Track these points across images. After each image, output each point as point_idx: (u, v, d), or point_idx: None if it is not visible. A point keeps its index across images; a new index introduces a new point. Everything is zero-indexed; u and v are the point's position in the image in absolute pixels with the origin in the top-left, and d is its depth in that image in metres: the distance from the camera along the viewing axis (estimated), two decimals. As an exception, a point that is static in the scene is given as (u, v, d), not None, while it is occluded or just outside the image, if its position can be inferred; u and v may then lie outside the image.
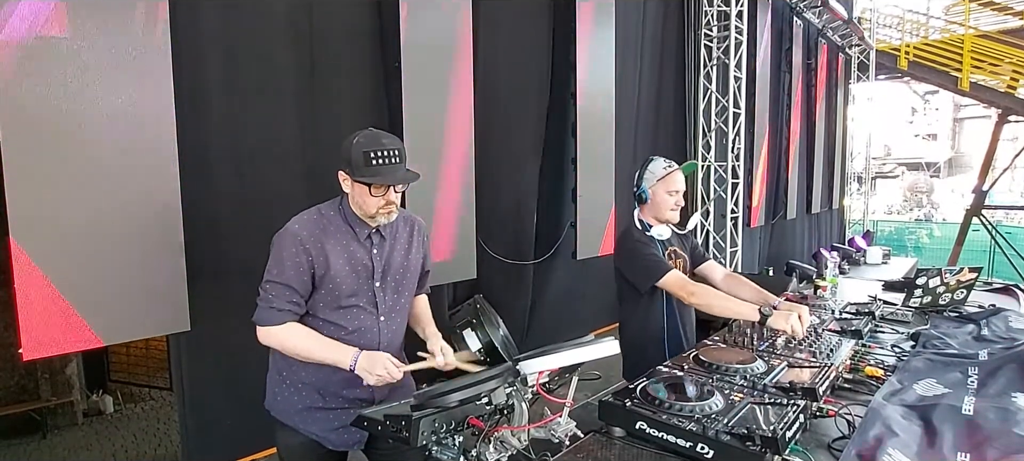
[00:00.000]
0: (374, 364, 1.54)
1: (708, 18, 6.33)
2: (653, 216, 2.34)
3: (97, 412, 5.64)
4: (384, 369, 1.53)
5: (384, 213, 1.60)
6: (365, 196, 1.57)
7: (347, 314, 1.63)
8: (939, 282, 2.66)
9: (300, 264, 1.58)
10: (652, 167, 2.33)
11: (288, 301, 1.58)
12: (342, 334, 1.63)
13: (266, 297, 1.59)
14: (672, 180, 2.30)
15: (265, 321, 1.59)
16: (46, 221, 2.17)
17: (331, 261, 1.59)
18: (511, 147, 4.39)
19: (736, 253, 6.62)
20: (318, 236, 1.60)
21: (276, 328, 1.59)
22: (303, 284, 1.59)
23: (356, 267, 1.63)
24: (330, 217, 1.64)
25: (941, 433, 1.34)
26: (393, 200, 1.60)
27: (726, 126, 6.37)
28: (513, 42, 4.31)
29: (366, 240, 1.65)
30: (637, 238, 2.30)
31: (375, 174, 1.53)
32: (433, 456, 1.28)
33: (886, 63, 11.45)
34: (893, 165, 28.36)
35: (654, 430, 1.36)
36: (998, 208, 14.54)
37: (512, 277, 4.50)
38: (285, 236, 1.59)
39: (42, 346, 2.20)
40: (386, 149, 1.53)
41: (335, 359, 1.57)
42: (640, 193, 2.33)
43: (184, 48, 2.54)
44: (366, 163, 1.52)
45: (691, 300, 2.16)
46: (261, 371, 1.80)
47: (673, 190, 2.30)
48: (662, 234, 2.32)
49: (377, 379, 1.53)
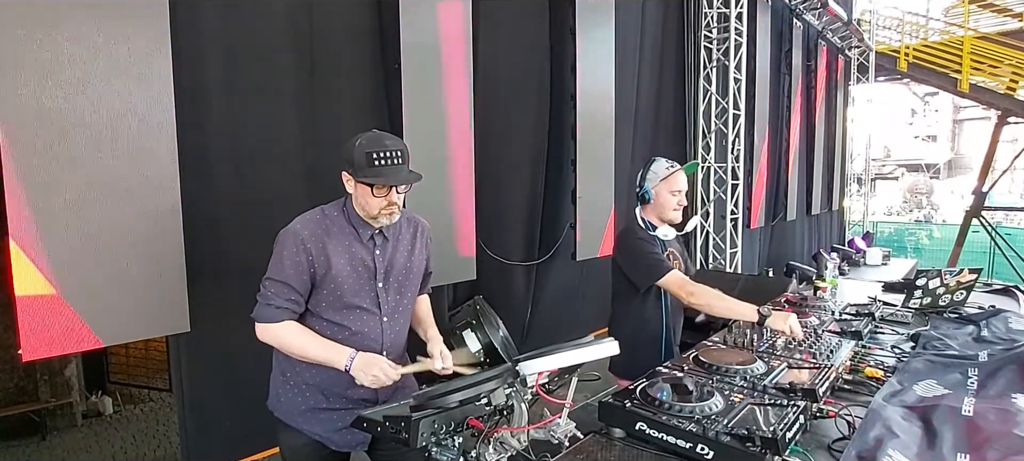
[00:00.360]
0: (370, 366, 1.55)
1: (708, 20, 6.34)
2: (656, 216, 2.35)
3: (96, 413, 5.64)
4: (380, 371, 1.54)
5: (386, 214, 1.61)
6: (368, 197, 1.58)
7: (350, 315, 1.63)
8: (939, 283, 2.66)
9: (300, 263, 1.58)
10: (655, 167, 2.34)
11: (286, 299, 1.59)
12: (345, 334, 1.63)
13: (265, 294, 1.60)
14: (675, 180, 2.32)
15: (263, 318, 1.60)
16: (45, 221, 2.17)
17: (333, 261, 1.60)
18: (511, 148, 4.40)
19: (736, 254, 6.62)
20: (320, 236, 1.60)
21: (274, 326, 1.60)
22: (302, 283, 1.59)
23: (358, 268, 1.63)
24: (333, 217, 1.65)
25: (941, 434, 1.34)
26: (395, 201, 1.60)
27: (726, 128, 6.37)
28: (513, 43, 4.31)
29: (369, 241, 1.66)
30: (640, 236, 2.30)
31: (378, 175, 1.54)
32: (433, 457, 1.28)
33: (886, 65, 11.46)
34: (893, 166, 28.37)
35: (654, 431, 1.36)
36: (998, 209, 14.54)
37: (512, 278, 4.50)
38: (287, 235, 1.60)
39: (41, 347, 2.20)
40: (388, 150, 1.54)
41: (331, 359, 1.58)
42: (643, 193, 2.34)
43: (184, 48, 2.54)
44: (368, 164, 1.53)
45: (691, 300, 2.17)
46: (261, 372, 1.80)
47: (676, 190, 2.31)
48: (667, 235, 2.33)
49: (372, 380, 1.54)
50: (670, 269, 2.22)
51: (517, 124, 4.43)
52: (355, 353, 1.57)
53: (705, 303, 2.15)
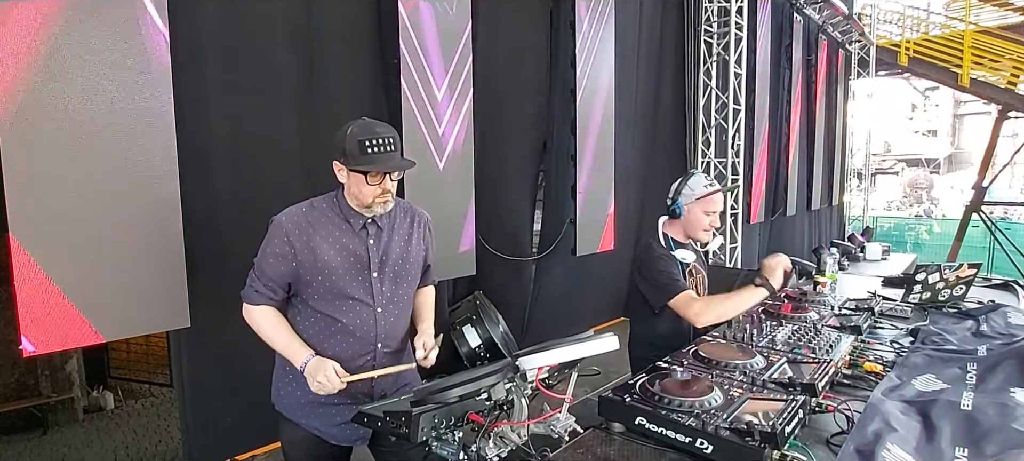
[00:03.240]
0: (316, 370, 1.54)
1: (708, 14, 6.32)
2: (683, 233, 2.22)
3: (97, 408, 5.66)
4: (324, 376, 1.52)
5: (380, 202, 1.60)
6: (361, 185, 1.57)
7: (342, 306, 1.63)
8: (938, 278, 2.66)
9: (280, 254, 1.59)
10: (692, 183, 2.17)
11: (264, 286, 1.62)
12: (336, 327, 1.63)
13: (251, 277, 1.64)
14: (712, 201, 2.16)
15: (245, 298, 1.64)
16: (46, 218, 2.17)
17: (320, 254, 1.59)
18: (511, 143, 4.39)
19: (736, 249, 6.62)
20: (304, 229, 1.60)
21: (253, 308, 1.63)
22: (279, 274, 1.61)
23: (349, 258, 1.62)
24: (322, 210, 1.64)
25: (940, 428, 1.34)
26: (389, 189, 1.59)
27: (726, 122, 6.36)
28: (513, 38, 4.30)
29: (361, 231, 1.65)
30: (659, 253, 2.16)
31: (371, 162, 1.53)
32: (433, 452, 1.29)
33: (886, 59, 11.44)
34: (893, 161, 28.34)
35: (654, 425, 1.36)
36: (998, 204, 14.54)
37: (512, 273, 4.51)
38: (273, 225, 1.63)
39: (42, 342, 2.21)
40: (381, 137, 1.53)
41: (290, 355, 1.60)
42: (674, 208, 2.18)
43: (184, 46, 2.54)
44: (361, 152, 1.52)
45: (698, 320, 2.03)
46: (261, 367, 1.81)
47: (711, 211, 2.17)
48: (686, 258, 2.18)
49: (317, 385, 1.53)
50: (683, 289, 2.08)
51: (517, 119, 4.42)
52: (312, 355, 1.58)
53: (716, 315, 2.02)
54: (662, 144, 6.18)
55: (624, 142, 5.34)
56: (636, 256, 2.25)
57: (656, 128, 6.06)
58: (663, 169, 6.14)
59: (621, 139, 5.22)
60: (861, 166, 12.36)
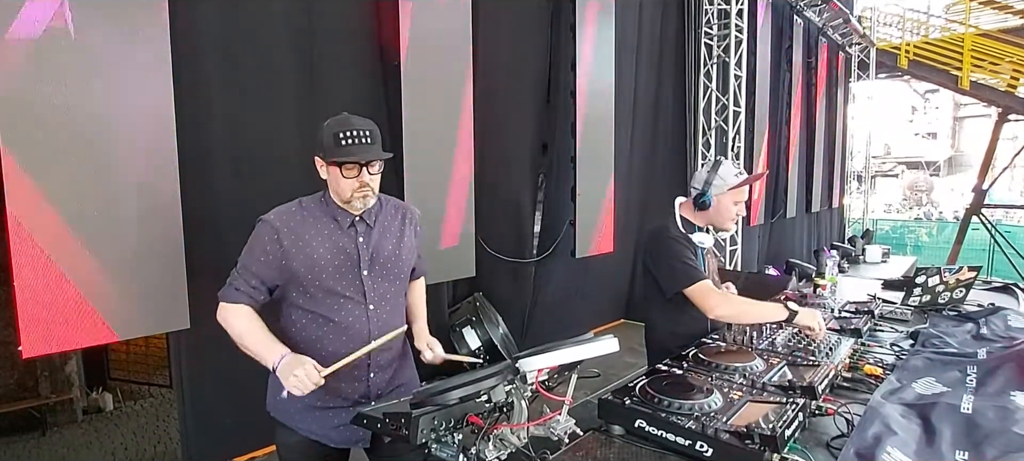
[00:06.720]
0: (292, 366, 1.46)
1: (708, 17, 6.33)
2: (706, 221, 2.13)
3: (97, 410, 5.65)
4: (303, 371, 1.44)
5: (359, 196, 1.58)
6: (339, 179, 1.56)
7: (333, 305, 1.61)
8: (938, 281, 2.66)
9: (268, 253, 1.58)
10: (723, 172, 2.07)
11: (248, 284, 1.59)
12: (328, 327, 1.62)
13: (233, 275, 1.62)
14: (743, 190, 2.09)
15: (223, 297, 1.61)
16: (45, 218, 2.17)
17: (309, 252, 1.59)
18: (511, 145, 4.40)
19: (736, 252, 6.62)
20: (293, 228, 1.59)
21: (231, 306, 1.60)
22: (267, 274, 1.59)
23: (339, 256, 1.61)
24: (310, 209, 1.64)
25: (940, 432, 1.34)
26: (367, 182, 1.57)
27: (726, 124, 6.36)
28: (514, 40, 4.31)
29: (350, 229, 1.64)
30: (674, 236, 2.06)
31: (347, 154, 1.52)
32: (432, 454, 1.28)
33: (886, 62, 11.46)
34: (893, 164, 28.38)
35: (653, 428, 1.36)
36: (998, 207, 14.54)
37: (511, 275, 4.51)
38: (261, 224, 1.61)
39: (41, 343, 2.20)
40: (355, 128, 1.52)
41: (262, 355, 1.53)
42: (704, 200, 2.07)
43: (184, 48, 2.54)
44: (336, 144, 1.52)
45: (715, 313, 1.95)
46: (261, 369, 1.80)
47: (740, 200, 2.10)
48: (703, 242, 2.11)
49: (293, 381, 1.44)
50: (701, 278, 1.98)
51: (517, 121, 4.42)
52: (286, 353, 1.51)
53: (733, 314, 1.96)
54: (662, 146, 6.18)
55: (624, 144, 5.34)
56: (649, 239, 2.15)
57: (656, 130, 6.06)
58: (663, 171, 6.14)
59: (621, 141, 5.22)
60: (861, 168, 12.36)
